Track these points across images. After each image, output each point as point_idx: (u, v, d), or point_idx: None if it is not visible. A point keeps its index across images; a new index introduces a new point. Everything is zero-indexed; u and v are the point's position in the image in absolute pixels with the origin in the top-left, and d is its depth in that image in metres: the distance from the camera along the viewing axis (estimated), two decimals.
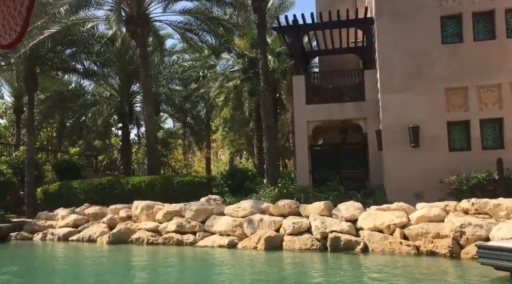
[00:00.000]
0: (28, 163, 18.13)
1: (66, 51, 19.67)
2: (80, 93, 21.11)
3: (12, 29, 0.97)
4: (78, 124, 21.15)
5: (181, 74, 21.35)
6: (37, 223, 15.74)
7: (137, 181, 15.07)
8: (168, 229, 12.46)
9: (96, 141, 26.74)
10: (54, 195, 16.98)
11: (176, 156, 30.93)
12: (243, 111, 26.88)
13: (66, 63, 20.02)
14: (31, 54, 17.66)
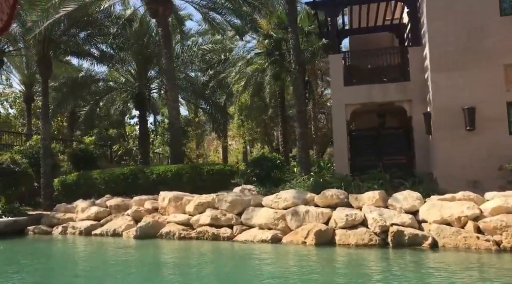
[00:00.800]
0: (44, 152, 17.12)
1: (81, 33, 18.51)
2: (95, 79, 19.96)
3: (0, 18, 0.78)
4: (92, 112, 20.04)
5: (200, 57, 20.15)
6: (56, 216, 14.76)
7: (162, 171, 13.99)
8: (201, 222, 11.40)
9: (110, 130, 25.70)
10: (72, 186, 15.99)
11: (190, 146, 29.87)
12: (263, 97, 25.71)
13: (80, 47, 18.87)
14: (45, 36, 16.52)
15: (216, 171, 13.39)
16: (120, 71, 20.67)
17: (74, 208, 15.16)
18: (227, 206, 11.53)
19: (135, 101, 20.48)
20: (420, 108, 13.13)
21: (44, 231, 14.28)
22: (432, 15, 12.36)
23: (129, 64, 20.24)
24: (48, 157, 17.21)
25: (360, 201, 10.08)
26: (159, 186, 14.02)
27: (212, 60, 20.62)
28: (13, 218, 14.70)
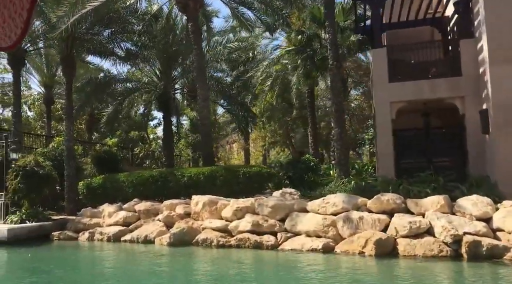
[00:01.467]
0: (68, 154, 16.49)
1: (105, 31, 17.90)
2: (118, 79, 19.32)
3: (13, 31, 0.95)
4: (116, 114, 19.36)
5: (226, 56, 19.38)
6: (82, 221, 14.07)
7: (194, 173, 13.18)
8: (241, 228, 10.54)
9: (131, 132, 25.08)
10: (97, 189, 15.30)
11: None
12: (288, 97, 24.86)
13: (103, 45, 18.27)
14: (70, 34, 15.93)
15: (253, 173, 12.52)
16: (143, 70, 20.01)
17: (100, 213, 14.46)
18: (269, 211, 10.65)
19: (159, 102, 19.80)
20: (474, 105, 12.11)
21: (69, 237, 13.60)
22: (491, 4, 11.36)
23: (153, 63, 19.58)
24: (71, 159, 16.57)
25: (422, 206, 9.11)
26: (190, 189, 13.23)
27: (239, 59, 19.82)
28: (38, 223, 14.06)
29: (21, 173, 14.80)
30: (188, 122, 21.81)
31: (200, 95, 14.88)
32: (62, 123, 34.42)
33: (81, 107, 19.26)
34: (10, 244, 12.95)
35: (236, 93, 20.71)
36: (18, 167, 14.91)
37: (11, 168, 15.08)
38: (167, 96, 19.69)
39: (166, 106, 19.77)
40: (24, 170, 14.81)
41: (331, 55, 14.13)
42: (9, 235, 13.00)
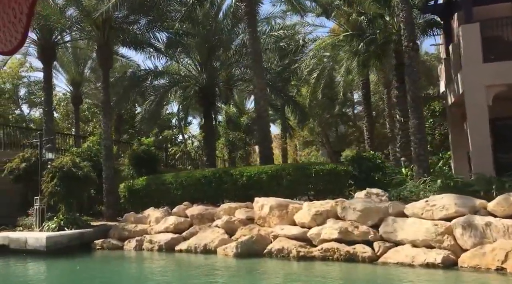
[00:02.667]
0: (106, 154, 15.14)
1: (142, 20, 16.54)
2: (157, 73, 17.88)
3: (13, 36, 0.97)
4: (156, 110, 17.93)
5: (273, 45, 17.81)
6: (126, 228, 12.65)
7: (255, 173, 11.59)
8: (325, 236, 8.88)
9: (165, 131, 23.74)
10: (140, 192, 13.87)
11: None
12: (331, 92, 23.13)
13: (140, 35, 16.91)
14: (106, 21, 14.61)
15: (327, 171, 10.84)
16: (182, 62, 18.58)
17: (145, 218, 13.02)
18: (358, 216, 8.97)
19: (200, 96, 18.33)
20: None
21: (114, 246, 12.19)
22: None
23: (193, 54, 18.13)
24: (110, 160, 15.23)
25: None
26: (250, 191, 11.66)
27: (287, 48, 18.20)
28: (78, 230, 12.71)
29: (57, 174, 13.49)
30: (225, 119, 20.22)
31: (256, 84, 13.32)
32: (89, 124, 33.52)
33: (117, 103, 17.91)
34: (50, 254, 11.61)
35: (282, 86, 19.08)
36: (54, 168, 13.60)
37: (47, 170, 13.80)
38: (210, 89, 18.20)
39: (208, 101, 18.29)
40: (61, 171, 13.49)
41: (405, 36, 12.41)
42: (48, 243, 11.67)
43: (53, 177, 13.52)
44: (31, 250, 11.94)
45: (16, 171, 15.10)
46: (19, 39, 0.99)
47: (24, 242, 12.16)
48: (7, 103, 24.21)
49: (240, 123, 20.48)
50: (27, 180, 15.39)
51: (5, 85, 24.15)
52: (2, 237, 12.86)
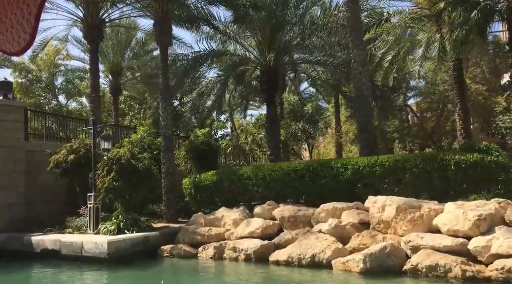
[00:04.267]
0: (166, 145, 13.22)
1: None
2: (218, 53, 15.80)
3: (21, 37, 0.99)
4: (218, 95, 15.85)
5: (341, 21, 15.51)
6: (198, 231, 10.68)
7: (364, 164, 9.39)
8: (498, 250, 6.62)
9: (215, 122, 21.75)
10: (210, 188, 11.88)
11: None
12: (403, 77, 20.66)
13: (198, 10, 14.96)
14: None
15: (472, 163, 8.54)
16: (242, 43, 16.51)
17: (219, 220, 11.04)
18: None
19: (263, 81, 16.25)
20: None
21: (186, 253, 10.25)
22: None
23: (255, 32, 16.06)
24: (170, 151, 13.31)
25: None
26: (356, 187, 9.50)
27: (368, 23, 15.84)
28: (141, 233, 10.81)
29: (114, 167, 11.64)
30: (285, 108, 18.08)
31: (356, 55, 11.14)
32: (125, 118, 31.89)
33: (174, 87, 15.95)
34: (112, 262, 9.75)
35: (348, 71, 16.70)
36: (110, 160, 11.77)
37: (102, 162, 11.99)
38: (274, 73, 16.11)
39: (272, 86, 16.20)
40: (119, 163, 11.64)
41: None
42: (110, 250, 9.82)
43: (109, 170, 11.69)
44: (88, 257, 10.12)
45: (63, 164, 13.35)
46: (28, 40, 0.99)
47: (80, 247, 10.35)
48: (43, 92, 22.75)
49: (303, 112, 18.34)
50: (75, 175, 13.65)
51: (41, 73, 22.70)
52: (51, 240, 11.10)
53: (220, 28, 16.14)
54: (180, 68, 15.00)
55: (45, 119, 15.86)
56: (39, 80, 22.55)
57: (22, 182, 14.49)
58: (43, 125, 15.89)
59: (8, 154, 14.21)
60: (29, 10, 0.96)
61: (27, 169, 14.63)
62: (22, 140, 14.74)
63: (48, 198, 14.83)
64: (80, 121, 16.84)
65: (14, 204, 14.22)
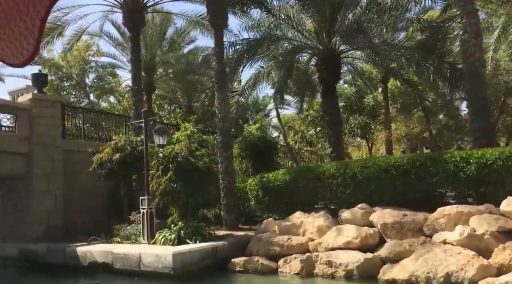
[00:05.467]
0: (224, 141, 11.62)
1: None
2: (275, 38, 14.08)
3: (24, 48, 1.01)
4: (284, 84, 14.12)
5: None
6: (275, 241, 9.00)
7: (494, 157, 7.58)
8: None
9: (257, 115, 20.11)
10: (281, 190, 10.22)
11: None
12: None
13: None
14: None
15: None
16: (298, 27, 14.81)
17: (297, 227, 9.37)
18: None
19: (322, 68, 14.55)
20: None
21: (264, 268, 8.61)
22: None
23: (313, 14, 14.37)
24: (228, 148, 11.72)
25: None
26: (482, 186, 7.71)
27: None
28: (208, 243, 9.21)
29: (171, 166, 10.09)
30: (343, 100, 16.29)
31: (467, 26, 9.33)
32: None
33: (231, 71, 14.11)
34: (178, 278, 8.18)
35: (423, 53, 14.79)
36: (166, 158, 10.22)
37: (156, 160, 10.45)
38: (335, 58, 14.43)
39: (333, 73, 14.50)
40: (175, 162, 10.08)
41: None
42: (176, 264, 8.25)
43: (165, 169, 10.15)
44: (148, 272, 8.57)
45: (107, 164, 11.88)
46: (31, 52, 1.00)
47: (137, 260, 8.81)
48: (73, 90, 21.52)
49: (362, 105, 16.56)
50: (120, 176, 12.19)
51: (71, 70, 21.49)
52: (101, 252, 9.61)
53: (273, 11, 14.51)
54: (235, 54, 13.37)
55: (83, 116, 14.47)
56: (69, 77, 21.36)
57: (60, 186, 13.12)
58: (80, 122, 14.53)
59: (45, 154, 12.84)
60: (32, 22, 0.98)
61: (64, 171, 13.28)
62: (59, 138, 13.38)
63: (87, 203, 13.41)
64: (120, 118, 15.41)
65: (52, 210, 12.84)
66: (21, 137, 12.56)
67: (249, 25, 15.48)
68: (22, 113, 12.70)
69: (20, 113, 12.68)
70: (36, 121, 12.79)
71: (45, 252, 11.08)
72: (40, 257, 11.15)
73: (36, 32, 0.98)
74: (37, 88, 13.31)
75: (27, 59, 1.03)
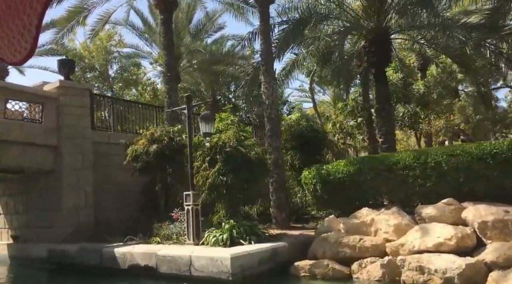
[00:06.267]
0: (272, 130, 10.43)
1: None
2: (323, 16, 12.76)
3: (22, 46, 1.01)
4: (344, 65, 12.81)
5: None
6: (345, 242, 7.81)
7: None
8: None
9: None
10: (343, 183, 9.02)
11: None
12: None
13: None
14: None
15: None
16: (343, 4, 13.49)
17: (367, 226, 8.18)
18: None
19: (371, 51, 13.27)
20: None
21: (335, 273, 7.47)
22: None
23: None
24: (277, 137, 10.54)
25: None
26: None
27: None
28: (269, 245, 8.07)
29: (219, 157, 8.97)
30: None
31: None
32: None
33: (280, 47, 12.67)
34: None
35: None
36: (213, 147, 9.11)
37: (201, 151, 9.35)
38: (386, 40, 13.16)
39: (384, 57, 13.22)
40: (224, 152, 8.96)
41: None
42: (235, 268, 7.14)
43: (212, 161, 9.04)
44: (201, 277, 7.48)
45: (143, 156, 10.82)
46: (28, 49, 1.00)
47: (187, 264, 7.72)
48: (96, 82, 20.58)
49: (411, 92, 15.23)
50: (157, 169, 11.12)
51: (93, 60, 20.55)
52: (143, 254, 8.57)
53: None
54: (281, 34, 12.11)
55: (112, 106, 13.45)
56: (92, 68, 20.44)
57: (90, 181, 12.12)
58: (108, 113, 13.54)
59: (74, 146, 11.85)
60: (30, 20, 0.98)
61: (94, 165, 12.29)
62: (89, 129, 12.37)
63: (118, 199, 12.42)
64: (150, 109, 14.38)
65: (82, 207, 11.84)
66: (48, 128, 11.60)
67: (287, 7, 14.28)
68: (49, 102, 11.73)
69: (47, 102, 11.71)
70: (63, 110, 11.81)
71: (77, 253, 10.10)
72: (71, 259, 10.17)
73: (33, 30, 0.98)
74: (64, 75, 12.33)
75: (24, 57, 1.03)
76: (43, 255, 11.03)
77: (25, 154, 11.20)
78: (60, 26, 16.01)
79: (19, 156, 11.11)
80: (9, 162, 11.11)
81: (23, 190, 12.87)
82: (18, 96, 11.32)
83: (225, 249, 7.86)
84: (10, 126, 10.84)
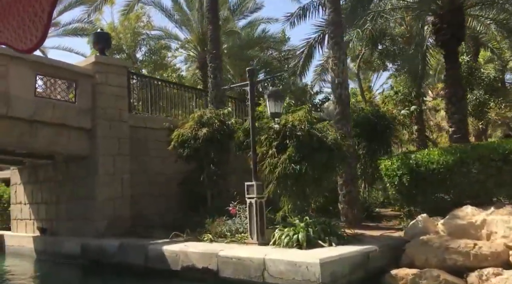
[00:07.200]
0: (342, 113, 9.01)
1: None
2: None
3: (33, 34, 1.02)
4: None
5: None
6: (454, 247, 6.37)
7: None
8: None
9: None
10: (436, 175, 7.59)
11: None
12: None
13: None
14: None
15: None
16: None
17: (475, 228, 6.76)
18: None
19: (442, 28, 11.76)
20: None
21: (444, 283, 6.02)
22: None
23: None
24: (348, 121, 9.11)
25: None
26: None
27: None
28: (358, 248, 6.68)
29: (289, 142, 7.59)
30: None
31: None
32: None
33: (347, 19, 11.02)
34: None
35: None
36: (280, 131, 7.72)
37: (266, 135, 7.97)
38: (459, 16, 11.65)
39: (456, 35, 11.70)
40: (295, 136, 7.57)
41: None
42: (325, 276, 5.79)
43: (279, 146, 7.66)
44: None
45: (191, 141, 9.49)
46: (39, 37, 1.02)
47: (259, 268, 6.39)
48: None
49: (480, 77, 13.64)
50: (206, 157, 9.79)
51: (121, 42, 19.34)
52: (200, 254, 7.26)
53: None
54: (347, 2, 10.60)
55: (150, 86, 12.18)
56: (120, 49, 19.24)
57: (126, 169, 10.86)
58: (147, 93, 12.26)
59: (111, 130, 10.58)
60: (41, 8, 0.99)
61: (130, 151, 11.04)
62: (126, 112, 11.09)
63: (156, 190, 11.18)
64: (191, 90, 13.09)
65: (118, 198, 10.57)
66: (82, 108, 10.35)
67: None
68: (83, 80, 10.46)
69: (81, 79, 10.45)
70: (99, 89, 10.53)
71: (116, 250, 8.86)
72: (109, 256, 8.94)
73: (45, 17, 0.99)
74: (99, 50, 11.03)
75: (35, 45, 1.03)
76: (75, 251, 9.83)
77: (57, 138, 9.99)
78: (87, 3, 14.83)
79: (50, 139, 9.90)
80: (40, 145, 9.92)
81: (52, 178, 11.68)
82: (50, 72, 10.10)
83: (305, 251, 6.51)
84: (42, 105, 9.64)
